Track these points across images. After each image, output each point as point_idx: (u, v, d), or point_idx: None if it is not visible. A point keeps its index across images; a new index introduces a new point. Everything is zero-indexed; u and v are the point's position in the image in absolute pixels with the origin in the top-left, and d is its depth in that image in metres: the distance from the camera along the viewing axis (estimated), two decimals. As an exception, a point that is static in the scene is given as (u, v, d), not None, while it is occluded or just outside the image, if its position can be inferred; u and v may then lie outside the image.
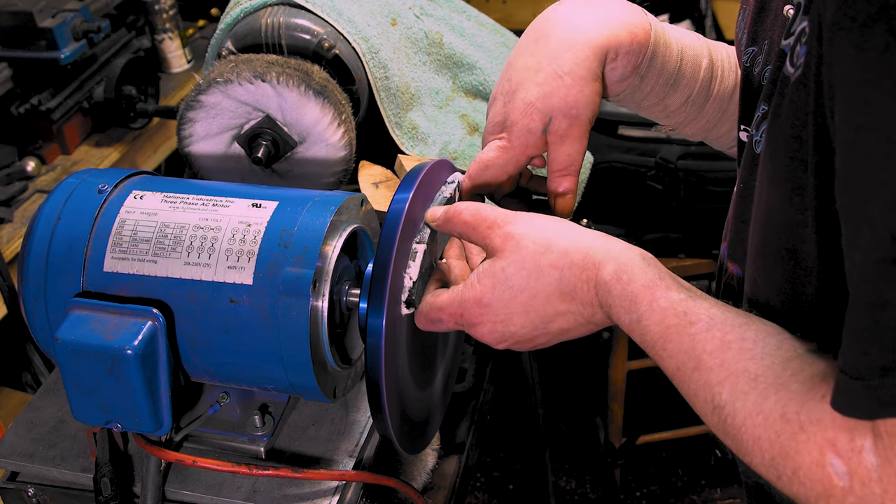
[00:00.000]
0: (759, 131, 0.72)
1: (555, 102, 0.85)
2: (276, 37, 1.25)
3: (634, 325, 0.73)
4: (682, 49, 0.93)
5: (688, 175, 1.97)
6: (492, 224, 0.81)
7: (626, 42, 0.87)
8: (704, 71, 0.95)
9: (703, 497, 2.40)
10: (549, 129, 0.86)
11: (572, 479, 2.48)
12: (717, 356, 0.66)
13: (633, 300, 0.72)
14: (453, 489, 1.16)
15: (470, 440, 1.24)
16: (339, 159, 1.21)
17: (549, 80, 0.85)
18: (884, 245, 0.52)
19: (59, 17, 1.97)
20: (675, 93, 0.94)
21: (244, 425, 0.99)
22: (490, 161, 0.89)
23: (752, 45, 0.82)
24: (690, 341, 0.68)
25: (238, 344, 0.89)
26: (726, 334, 0.67)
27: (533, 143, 0.87)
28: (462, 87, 1.44)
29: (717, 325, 0.68)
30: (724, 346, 0.67)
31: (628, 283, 0.73)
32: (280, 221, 0.90)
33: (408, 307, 0.85)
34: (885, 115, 0.52)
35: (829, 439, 0.58)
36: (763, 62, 0.80)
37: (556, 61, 0.86)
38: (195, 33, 2.53)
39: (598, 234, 0.79)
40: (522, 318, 0.79)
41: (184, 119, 1.21)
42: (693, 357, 0.68)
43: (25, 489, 1.01)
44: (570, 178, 0.89)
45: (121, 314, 0.87)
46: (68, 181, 0.97)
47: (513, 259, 0.78)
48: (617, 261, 0.75)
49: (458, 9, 1.51)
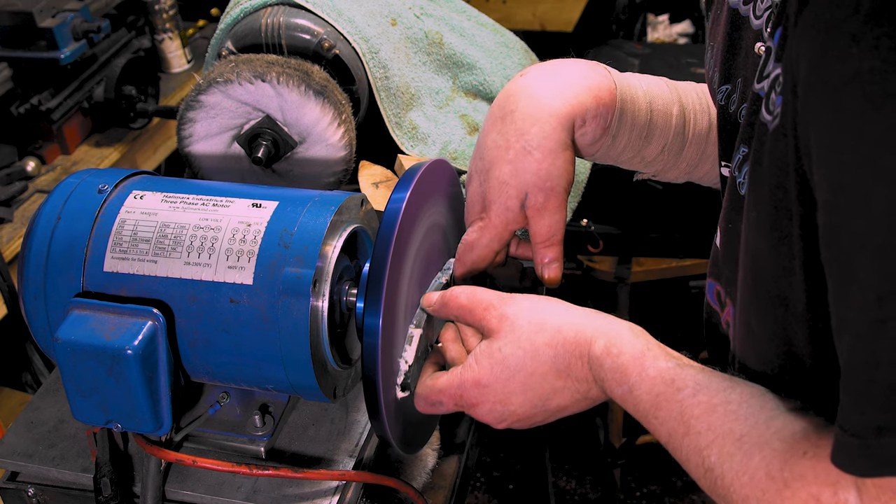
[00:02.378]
0: (742, 173, 0.72)
1: (527, 178, 0.86)
2: (276, 37, 1.25)
3: (627, 395, 0.74)
4: (650, 101, 0.93)
5: (688, 175, 1.97)
6: (487, 306, 0.83)
7: (591, 107, 0.88)
8: (676, 118, 0.95)
9: (703, 497, 2.39)
10: (526, 204, 0.88)
11: (572, 479, 2.48)
12: (704, 420, 0.68)
13: (623, 372, 0.74)
14: (453, 489, 1.16)
15: (470, 440, 1.24)
16: (339, 159, 1.21)
17: (518, 156, 0.86)
18: (871, 307, 0.53)
19: (59, 17, 1.98)
20: (649, 144, 0.95)
21: (244, 425, 0.99)
22: (474, 242, 0.91)
23: (725, 83, 0.82)
24: (679, 408, 0.70)
25: (238, 344, 0.89)
26: (712, 398, 0.69)
27: (513, 219, 0.89)
28: (462, 87, 1.44)
29: (703, 390, 0.70)
30: (710, 410, 0.68)
31: (618, 356, 0.75)
32: (280, 221, 0.90)
33: (403, 390, 0.87)
34: (861, 178, 0.52)
35: (812, 494, 0.59)
36: (739, 100, 0.80)
37: (523, 137, 0.86)
38: (195, 33, 2.53)
39: (587, 311, 0.81)
40: (521, 396, 0.80)
41: (184, 119, 1.21)
42: (682, 423, 0.70)
43: (25, 489, 1.01)
44: (554, 247, 0.90)
45: (121, 314, 0.87)
46: (68, 181, 0.97)
47: (509, 339, 0.80)
48: (607, 335, 0.77)
49: (458, 9, 1.51)
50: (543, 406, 0.81)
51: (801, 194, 0.61)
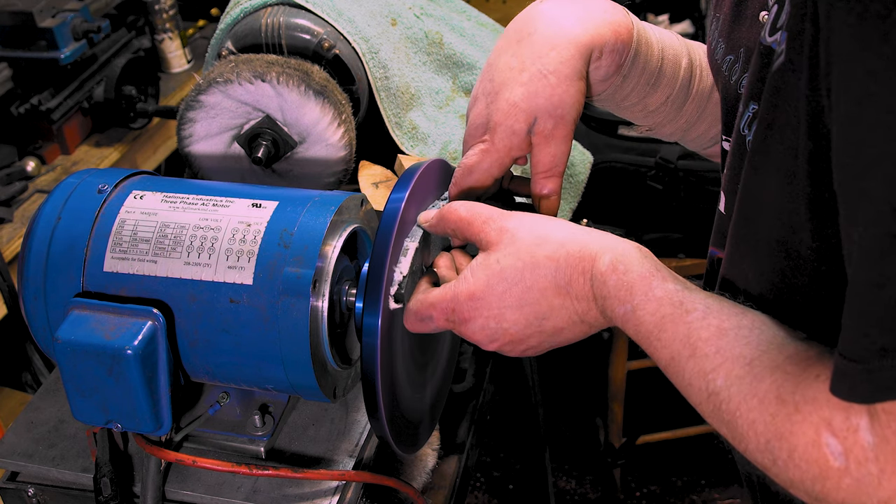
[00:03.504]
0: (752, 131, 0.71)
1: (540, 102, 0.84)
2: (276, 37, 1.25)
3: (629, 315, 0.72)
4: (662, 48, 0.92)
5: (688, 175, 1.97)
6: (487, 219, 0.80)
7: (610, 40, 0.86)
8: (684, 70, 0.94)
9: (703, 497, 2.40)
10: (534, 129, 0.85)
11: (572, 479, 2.48)
12: (713, 343, 0.66)
13: (629, 290, 0.72)
14: (453, 489, 1.16)
15: (470, 440, 1.24)
16: (339, 159, 1.21)
17: (533, 79, 0.84)
18: (883, 219, 0.51)
19: (59, 17, 1.98)
20: (655, 92, 0.93)
21: (244, 425, 0.99)
22: (474, 165, 0.87)
23: (729, 53, 0.82)
24: (686, 329, 0.68)
25: (238, 344, 0.89)
26: (722, 322, 0.67)
27: (517, 144, 0.85)
28: (462, 87, 1.44)
29: (714, 314, 0.68)
30: (720, 333, 0.66)
31: (624, 273, 0.73)
32: (280, 221, 0.90)
33: (396, 301, 0.84)
34: (886, 84, 0.51)
35: (824, 418, 0.57)
36: (741, 70, 0.79)
37: (540, 60, 0.84)
38: (195, 33, 2.53)
39: (592, 230, 0.78)
40: (516, 312, 0.77)
41: (184, 119, 1.21)
42: (688, 345, 0.67)
43: (25, 489, 1.01)
44: (555, 179, 0.87)
45: (121, 314, 0.87)
46: (68, 181, 0.97)
47: (508, 251, 0.77)
48: (613, 251, 0.74)
49: (458, 9, 1.51)
50: (539, 326, 0.78)
51: (811, 128, 0.60)
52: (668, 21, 2.90)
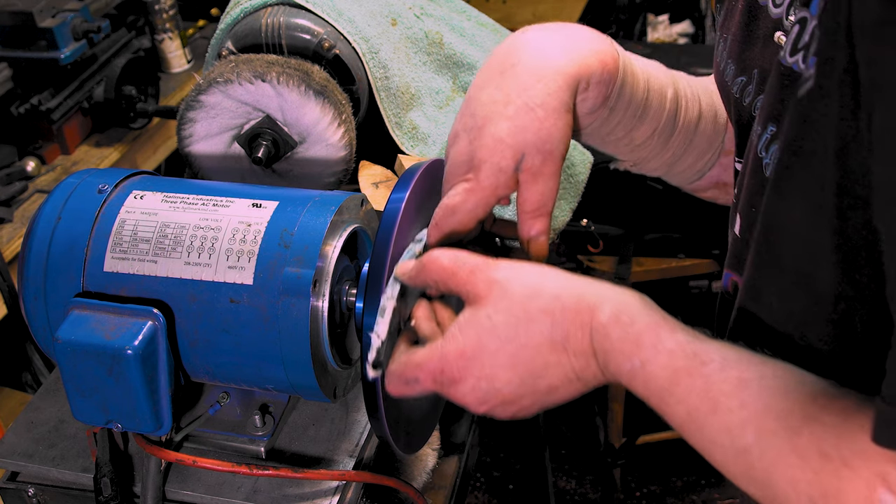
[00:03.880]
0: (769, 153, 0.68)
1: (528, 137, 0.78)
2: (276, 37, 1.25)
3: (637, 371, 0.66)
4: (648, 79, 0.89)
5: (688, 175, 1.97)
6: (473, 269, 0.74)
7: (597, 71, 0.81)
8: (670, 102, 0.91)
9: (703, 497, 2.40)
10: (521, 166, 0.79)
11: (572, 479, 2.48)
12: (736, 396, 0.61)
13: (635, 342, 0.67)
14: (453, 489, 1.16)
15: (470, 440, 1.24)
16: (339, 159, 1.21)
17: (519, 113, 0.79)
18: None
19: (59, 17, 1.98)
20: (642, 124, 0.90)
21: (244, 425, 0.99)
22: (457, 205, 0.80)
23: (740, 75, 0.79)
24: (704, 382, 0.63)
25: (238, 344, 0.89)
26: (743, 372, 0.62)
27: (504, 182, 0.80)
28: (462, 87, 1.44)
29: (732, 364, 0.63)
30: (743, 385, 0.61)
31: (629, 325, 0.67)
32: (280, 221, 0.90)
33: (374, 368, 0.79)
34: None
35: (877, 473, 0.53)
36: (755, 92, 0.76)
37: (526, 93, 0.79)
38: (195, 33, 2.53)
39: (587, 279, 0.73)
40: (509, 372, 0.71)
41: (184, 119, 1.21)
42: (708, 399, 0.62)
43: (25, 489, 1.01)
44: (543, 219, 0.82)
45: (121, 314, 0.87)
46: (68, 181, 0.97)
47: (499, 306, 0.71)
48: (614, 302, 0.69)
49: (458, 9, 1.51)
50: (533, 385, 0.71)
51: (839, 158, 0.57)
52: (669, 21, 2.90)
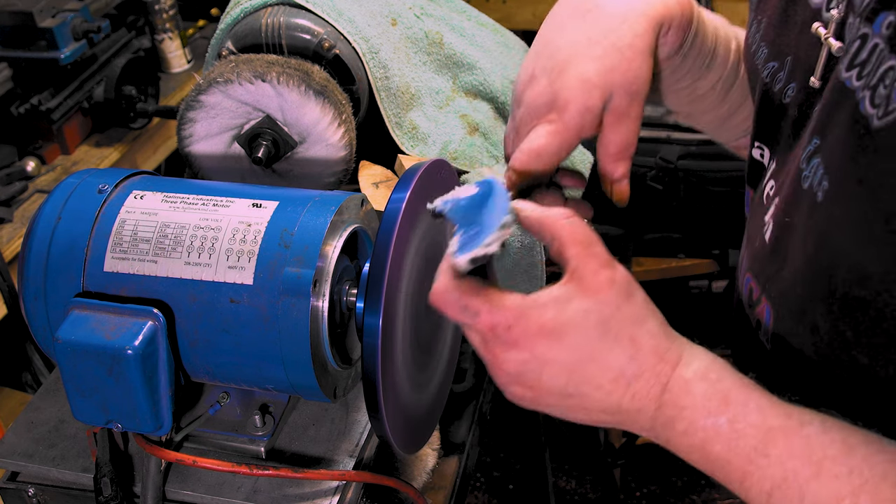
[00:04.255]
0: (810, 166, 0.66)
1: (615, 78, 0.77)
2: (276, 37, 1.24)
3: (722, 429, 0.63)
4: (715, 28, 0.88)
5: (688, 175, 1.98)
6: (596, 254, 0.69)
7: (677, 15, 0.81)
8: (734, 53, 0.90)
9: (703, 497, 2.40)
10: (609, 107, 0.78)
11: (572, 479, 2.48)
12: (843, 462, 0.58)
13: (723, 399, 0.64)
14: (453, 489, 1.16)
15: (470, 440, 1.24)
16: (340, 159, 1.21)
17: (607, 53, 0.77)
18: None
19: (59, 17, 1.98)
20: (708, 73, 0.89)
21: (244, 425, 0.99)
22: (542, 148, 0.78)
23: (773, 60, 0.78)
24: (805, 444, 0.60)
25: (238, 344, 0.89)
26: (847, 437, 0.59)
27: (589, 122, 0.78)
28: (462, 87, 1.44)
29: (835, 428, 0.60)
30: (849, 450, 0.58)
31: (718, 382, 0.65)
32: (280, 221, 0.90)
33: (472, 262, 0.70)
34: None
35: None
36: (786, 79, 0.75)
37: (612, 34, 0.78)
38: (195, 33, 2.53)
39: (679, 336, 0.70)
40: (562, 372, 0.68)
41: (184, 119, 1.21)
42: (811, 463, 0.59)
43: (25, 489, 1.01)
44: (627, 161, 0.80)
45: (121, 314, 0.87)
46: (68, 181, 0.97)
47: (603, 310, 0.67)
48: (701, 359, 0.67)
49: (458, 9, 1.51)
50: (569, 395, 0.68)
51: None
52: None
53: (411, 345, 0.91)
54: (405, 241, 0.86)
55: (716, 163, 1.97)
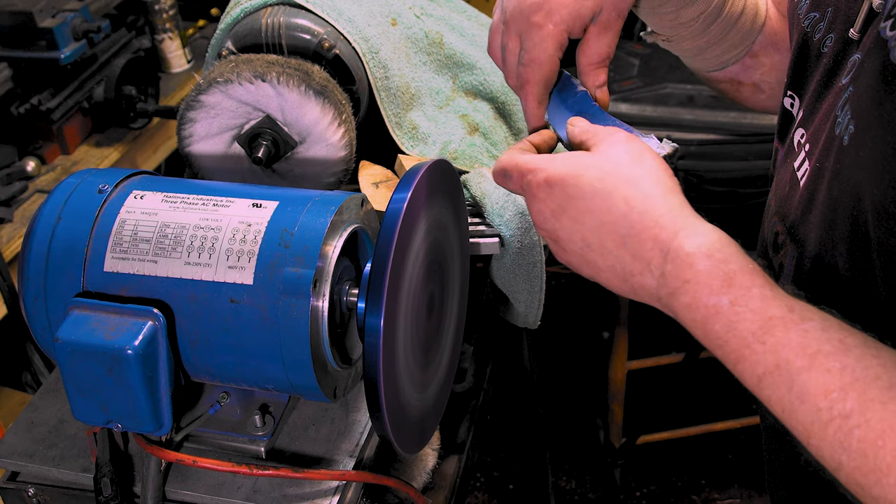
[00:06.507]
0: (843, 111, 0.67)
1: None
2: (276, 37, 1.25)
3: (722, 309, 0.64)
4: None
5: (688, 175, 1.97)
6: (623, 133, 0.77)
7: None
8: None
9: (703, 497, 2.40)
10: (596, 19, 0.83)
11: (572, 479, 2.48)
12: (837, 358, 0.59)
13: (726, 280, 0.65)
14: (453, 489, 1.16)
15: (470, 440, 1.24)
16: (340, 159, 1.21)
17: None
18: None
19: (59, 17, 1.98)
20: (693, 5, 0.92)
21: (244, 425, 0.99)
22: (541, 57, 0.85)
23: (813, 10, 0.81)
24: (801, 337, 0.61)
25: (238, 344, 0.89)
26: (846, 337, 0.60)
27: (577, 28, 0.84)
28: (462, 87, 1.44)
29: (834, 327, 0.61)
30: (845, 349, 0.59)
31: (723, 262, 0.66)
32: (280, 221, 0.90)
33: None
34: None
35: None
36: (825, 29, 0.78)
37: None
38: (195, 33, 2.53)
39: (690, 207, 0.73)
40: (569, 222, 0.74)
41: (184, 119, 1.21)
42: (804, 355, 0.60)
43: (25, 489, 1.01)
44: (605, 70, 0.87)
45: (121, 314, 0.87)
46: (68, 181, 0.97)
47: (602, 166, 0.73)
48: (707, 237, 0.68)
49: (458, 9, 1.51)
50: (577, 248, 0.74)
51: None
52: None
53: (412, 345, 0.91)
54: (406, 242, 0.86)
55: (716, 163, 1.98)
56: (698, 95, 2.07)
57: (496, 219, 1.20)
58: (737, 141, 2.00)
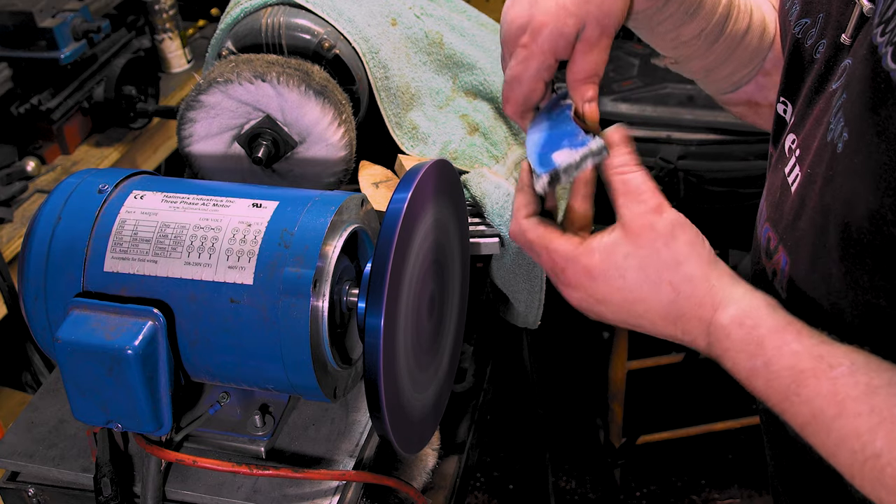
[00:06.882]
0: (836, 118, 0.69)
1: (591, 9, 0.81)
2: (276, 37, 1.25)
3: (760, 370, 0.70)
4: None
5: (688, 175, 1.97)
6: (642, 201, 0.77)
7: None
8: (723, 7, 0.93)
9: (703, 497, 2.40)
10: (581, 36, 0.83)
11: (572, 479, 2.48)
12: (865, 402, 0.63)
13: (758, 344, 0.70)
14: (453, 489, 1.16)
15: (470, 440, 1.24)
16: (340, 159, 1.21)
17: None
18: None
19: (59, 17, 1.98)
20: (692, 22, 0.91)
21: (244, 425, 0.99)
22: (519, 74, 0.84)
23: (804, 16, 0.81)
24: (831, 386, 0.65)
25: (238, 344, 0.89)
26: (872, 379, 0.64)
27: (562, 47, 0.83)
28: (462, 87, 1.44)
29: (861, 370, 0.64)
30: (872, 392, 0.63)
31: (753, 329, 0.71)
32: (280, 221, 0.90)
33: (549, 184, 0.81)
34: None
35: None
36: (817, 35, 0.78)
37: None
38: (195, 33, 2.53)
39: (726, 271, 0.76)
40: (617, 309, 0.78)
41: (184, 119, 1.21)
42: (835, 403, 0.64)
43: (25, 489, 1.01)
44: (594, 86, 0.86)
45: (121, 314, 0.87)
46: (68, 181, 0.97)
47: (641, 254, 0.76)
48: (739, 304, 0.73)
49: (458, 9, 1.51)
50: (628, 323, 0.79)
51: None
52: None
53: (412, 345, 0.91)
54: (407, 242, 0.86)
55: (716, 163, 1.97)
56: (698, 95, 2.06)
57: (496, 219, 1.20)
58: (737, 141, 2.00)
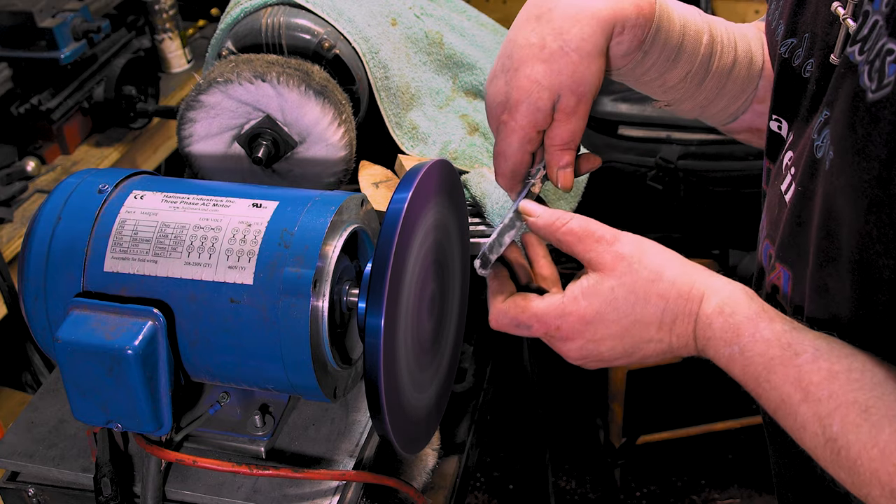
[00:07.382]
0: (821, 136, 0.71)
1: (563, 80, 0.83)
2: (276, 37, 1.25)
3: (736, 356, 0.73)
4: (684, 24, 0.91)
5: (688, 175, 1.98)
6: (600, 239, 0.81)
7: (632, 15, 0.84)
8: (705, 47, 0.93)
9: (703, 497, 2.40)
10: (557, 106, 0.84)
11: (572, 479, 2.48)
12: (825, 387, 0.67)
13: (735, 332, 0.74)
14: (453, 489, 1.16)
15: (470, 440, 1.24)
16: (340, 159, 1.21)
17: (555, 56, 0.83)
18: None
19: (59, 17, 1.97)
20: (675, 68, 0.92)
21: (244, 425, 0.99)
22: (504, 150, 0.87)
23: (790, 36, 0.82)
24: (796, 372, 0.69)
25: (238, 344, 0.89)
26: (833, 365, 0.67)
27: (541, 119, 0.85)
28: (462, 87, 1.44)
29: (824, 356, 0.68)
30: (832, 377, 0.67)
31: (731, 316, 0.74)
32: (280, 221, 0.90)
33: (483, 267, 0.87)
34: None
35: None
36: (804, 55, 0.79)
37: (561, 37, 0.83)
38: (195, 33, 2.53)
39: (700, 267, 0.80)
40: (617, 341, 0.80)
41: (184, 119, 1.21)
42: (800, 388, 0.68)
43: (26, 489, 1.01)
44: (571, 152, 0.88)
45: (121, 314, 0.87)
46: (68, 181, 0.97)
47: (624, 281, 0.79)
48: (719, 294, 0.76)
49: (458, 9, 1.51)
50: (630, 354, 0.81)
51: None
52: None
53: (412, 345, 0.91)
54: (407, 242, 0.86)
55: (716, 163, 1.98)
56: (698, 95, 2.07)
57: (496, 219, 1.20)
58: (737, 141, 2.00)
